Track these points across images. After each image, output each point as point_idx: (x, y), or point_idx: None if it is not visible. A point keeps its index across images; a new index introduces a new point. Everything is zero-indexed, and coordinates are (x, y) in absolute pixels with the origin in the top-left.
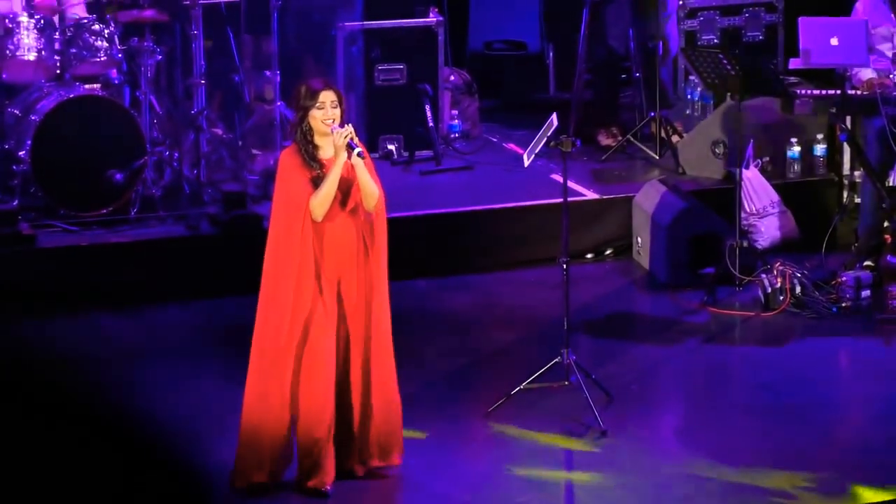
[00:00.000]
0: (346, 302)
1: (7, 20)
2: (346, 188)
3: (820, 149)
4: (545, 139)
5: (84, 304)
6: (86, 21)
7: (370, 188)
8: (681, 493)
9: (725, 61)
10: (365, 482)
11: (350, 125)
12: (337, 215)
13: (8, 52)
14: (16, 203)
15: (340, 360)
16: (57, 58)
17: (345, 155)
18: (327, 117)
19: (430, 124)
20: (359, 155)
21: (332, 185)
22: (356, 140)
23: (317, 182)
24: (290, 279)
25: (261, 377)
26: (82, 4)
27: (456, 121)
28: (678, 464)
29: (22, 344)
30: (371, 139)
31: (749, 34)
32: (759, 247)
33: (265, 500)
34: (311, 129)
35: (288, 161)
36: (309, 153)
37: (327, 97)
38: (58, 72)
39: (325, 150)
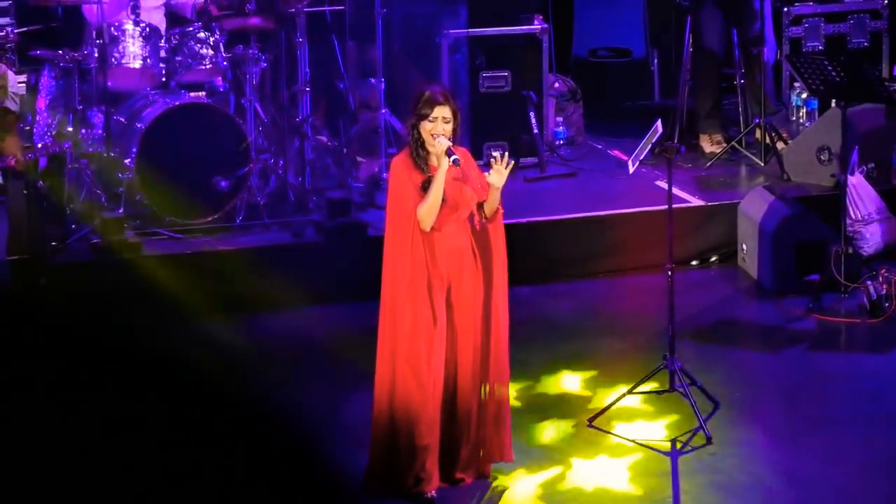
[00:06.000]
0: (455, 309)
1: (112, 28)
2: (457, 195)
3: None
4: (650, 146)
5: (189, 312)
6: (191, 29)
7: (496, 203)
8: (786, 499)
9: (830, 68)
10: (469, 489)
11: (448, 141)
12: (447, 222)
13: (113, 60)
14: (121, 211)
15: (451, 368)
16: (162, 65)
17: (447, 162)
18: (436, 132)
19: (535, 131)
20: (454, 162)
21: (436, 194)
22: (453, 147)
23: (425, 187)
24: (404, 286)
25: (384, 383)
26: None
27: (560, 127)
28: (784, 471)
29: (127, 352)
30: (476, 146)
31: (854, 40)
32: (865, 253)
33: None
34: (421, 136)
35: (399, 165)
36: (420, 157)
37: (440, 112)
38: (163, 79)
39: (435, 158)
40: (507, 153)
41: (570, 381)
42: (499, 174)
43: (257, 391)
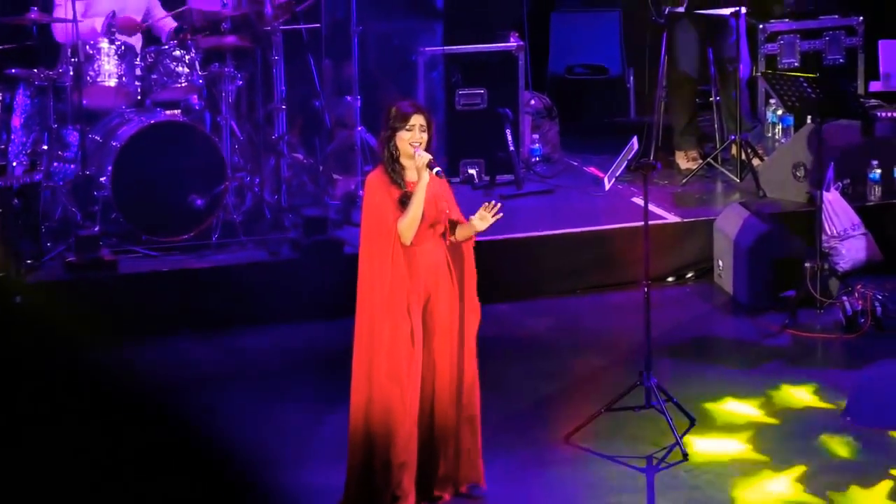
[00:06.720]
0: (434, 324)
1: (88, 46)
2: (433, 211)
3: None
4: (626, 163)
5: (165, 330)
6: (166, 47)
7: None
8: None
9: (806, 84)
10: None
11: (429, 154)
12: (424, 238)
13: (89, 78)
14: (97, 229)
15: (428, 384)
16: (138, 84)
17: (427, 176)
18: (414, 140)
19: (511, 148)
20: (437, 174)
21: (417, 207)
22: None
23: (403, 202)
24: (382, 302)
25: (360, 400)
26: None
27: (537, 145)
28: (760, 487)
29: (104, 370)
30: (452, 163)
31: (829, 57)
32: (841, 269)
33: None
34: (398, 149)
35: (374, 181)
36: (396, 172)
37: (417, 121)
38: (138, 98)
39: (411, 172)
40: (500, 204)
41: (546, 398)
42: (484, 220)
43: (233, 408)
